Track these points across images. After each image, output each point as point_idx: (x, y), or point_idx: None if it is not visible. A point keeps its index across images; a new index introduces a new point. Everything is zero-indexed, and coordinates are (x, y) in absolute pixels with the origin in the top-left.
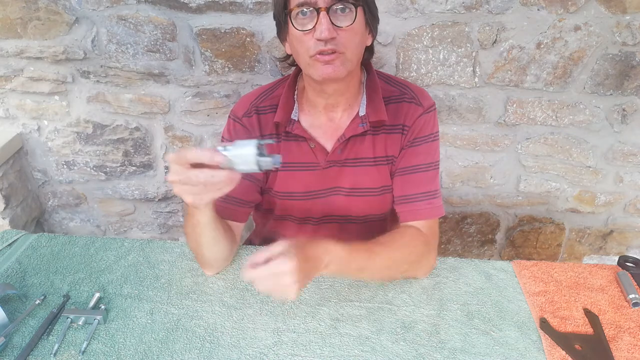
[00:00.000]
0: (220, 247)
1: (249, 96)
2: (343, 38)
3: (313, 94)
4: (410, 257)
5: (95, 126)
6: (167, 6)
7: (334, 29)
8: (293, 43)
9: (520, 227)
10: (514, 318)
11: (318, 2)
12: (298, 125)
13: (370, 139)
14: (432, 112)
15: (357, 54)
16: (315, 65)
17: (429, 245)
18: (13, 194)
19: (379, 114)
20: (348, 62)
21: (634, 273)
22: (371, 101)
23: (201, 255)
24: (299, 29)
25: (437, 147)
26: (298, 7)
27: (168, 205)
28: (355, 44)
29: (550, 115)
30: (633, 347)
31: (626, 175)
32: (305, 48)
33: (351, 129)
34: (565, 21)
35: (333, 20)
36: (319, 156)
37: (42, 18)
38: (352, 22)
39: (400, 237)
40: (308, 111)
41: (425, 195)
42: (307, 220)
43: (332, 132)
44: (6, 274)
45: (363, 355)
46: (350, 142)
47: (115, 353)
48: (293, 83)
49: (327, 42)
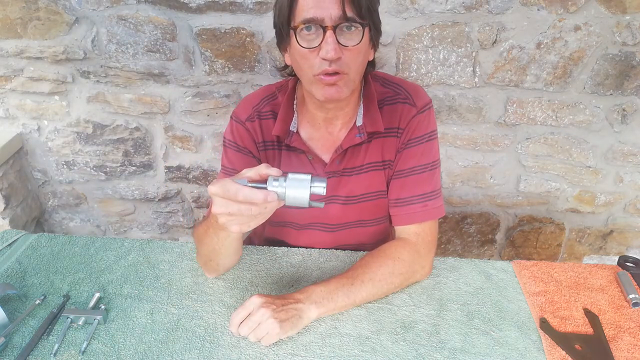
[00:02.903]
0: (238, 255)
1: (250, 99)
2: (348, 58)
3: (313, 107)
4: (397, 269)
5: (95, 126)
6: (167, 6)
7: (340, 49)
8: (296, 58)
9: (520, 227)
10: (514, 318)
11: (325, 20)
12: (297, 138)
13: (366, 146)
14: (426, 112)
15: (360, 73)
16: (318, 85)
17: (419, 252)
18: (13, 194)
19: (376, 125)
20: (351, 83)
21: (634, 273)
22: (368, 111)
23: (215, 262)
24: (304, 46)
25: (435, 146)
26: (303, 24)
27: (168, 205)
28: (359, 63)
29: (550, 115)
30: (633, 347)
31: (626, 175)
32: (308, 65)
33: (348, 140)
34: (565, 21)
35: (339, 39)
36: (317, 168)
37: (42, 18)
38: (359, 42)
39: (383, 254)
40: (307, 122)
41: (420, 198)
42: (305, 227)
43: (330, 144)
44: (6, 274)
45: (363, 355)
46: (347, 152)
47: (115, 353)
48: (292, 92)
49: (332, 63)
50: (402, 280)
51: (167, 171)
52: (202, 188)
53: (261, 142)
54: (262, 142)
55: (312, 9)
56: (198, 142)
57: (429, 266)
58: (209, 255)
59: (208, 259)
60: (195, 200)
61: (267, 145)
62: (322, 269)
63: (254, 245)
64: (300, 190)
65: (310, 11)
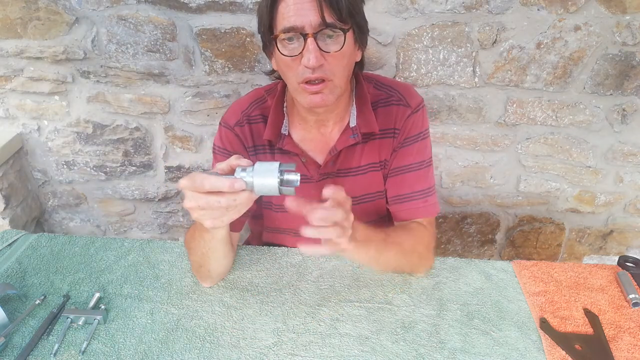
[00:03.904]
0: (228, 259)
1: (239, 104)
2: (331, 64)
3: (303, 110)
4: (418, 248)
5: (95, 126)
6: (167, 6)
7: (321, 56)
8: (280, 65)
9: (520, 227)
10: (514, 318)
11: (305, 27)
12: (289, 140)
13: (361, 147)
14: (420, 111)
15: (346, 76)
16: (303, 94)
17: (431, 243)
18: (13, 194)
19: (370, 126)
20: (337, 89)
21: (634, 273)
22: (361, 112)
23: (206, 269)
24: (286, 55)
25: (429, 144)
26: (284, 33)
27: (168, 205)
28: (343, 67)
29: (550, 115)
30: (633, 347)
31: (626, 175)
32: (292, 73)
33: (342, 141)
34: (565, 21)
35: (321, 45)
36: (311, 170)
37: (42, 18)
38: (341, 47)
39: (410, 229)
40: (299, 124)
41: (420, 194)
42: None
43: (323, 145)
44: (6, 274)
45: (363, 355)
46: (342, 153)
47: (115, 353)
48: (281, 96)
49: (314, 70)
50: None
51: (167, 171)
52: None
53: (252, 147)
54: (253, 147)
55: (292, 17)
56: (198, 142)
57: (432, 260)
58: (199, 261)
59: (198, 265)
60: None
61: (257, 149)
62: (322, 268)
63: (253, 245)
64: (269, 178)
65: (290, 19)
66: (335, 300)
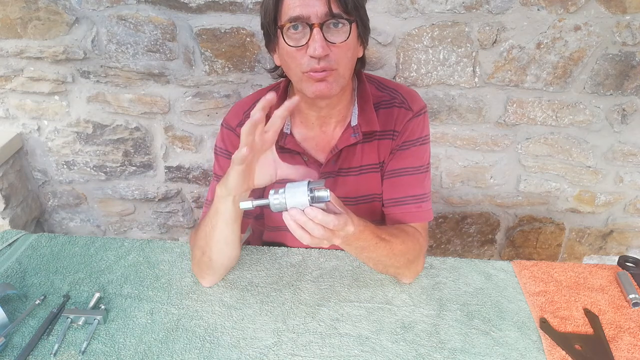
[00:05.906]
0: (230, 250)
1: (241, 105)
2: (336, 54)
3: (305, 107)
4: (408, 254)
5: (95, 126)
6: (167, 6)
7: (327, 46)
8: (284, 57)
9: (520, 227)
10: (514, 318)
11: (311, 17)
12: (291, 139)
13: (361, 147)
14: (422, 116)
15: (349, 69)
16: (307, 82)
17: (422, 249)
18: (13, 194)
19: (371, 125)
20: (341, 79)
21: (634, 273)
22: (362, 111)
23: (208, 256)
24: (291, 45)
25: (427, 150)
26: (290, 23)
27: (168, 205)
28: (348, 59)
29: (550, 115)
30: (633, 347)
31: (626, 175)
32: (297, 64)
33: (344, 140)
34: (565, 21)
35: (326, 36)
36: (313, 168)
37: (42, 18)
38: (347, 38)
39: (404, 232)
40: (301, 123)
41: (414, 199)
42: None
43: (324, 144)
44: (6, 274)
45: (363, 355)
46: (343, 152)
47: (115, 353)
48: (284, 94)
49: (320, 60)
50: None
51: (167, 171)
52: (202, 188)
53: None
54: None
55: (298, 7)
56: (198, 142)
57: (422, 267)
58: (202, 247)
59: (201, 252)
60: (195, 200)
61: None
62: (322, 268)
63: (253, 246)
64: (300, 198)
65: (296, 9)
66: (335, 300)
